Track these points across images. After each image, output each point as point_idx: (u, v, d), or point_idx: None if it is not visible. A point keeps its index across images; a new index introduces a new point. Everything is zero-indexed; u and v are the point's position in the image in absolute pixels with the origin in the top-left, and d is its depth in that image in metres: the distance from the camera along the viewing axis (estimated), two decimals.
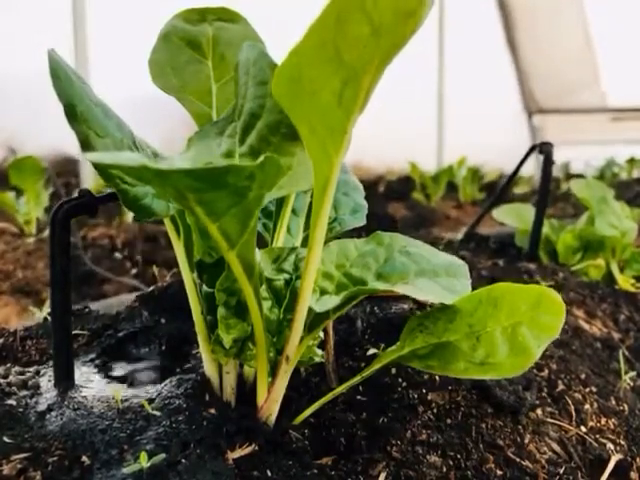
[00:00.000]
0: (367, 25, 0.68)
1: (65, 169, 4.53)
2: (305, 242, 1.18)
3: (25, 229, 3.64)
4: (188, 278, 1.08)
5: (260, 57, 1.00)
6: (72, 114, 0.90)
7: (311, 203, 0.93)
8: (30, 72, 3.76)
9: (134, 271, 3.30)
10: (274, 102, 0.96)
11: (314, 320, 1.00)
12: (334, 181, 0.86)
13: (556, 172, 6.87)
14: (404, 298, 1.43)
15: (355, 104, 0.76)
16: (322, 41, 0.69)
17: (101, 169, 0.89)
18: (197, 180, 0.66)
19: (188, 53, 1.11)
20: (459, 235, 2.79)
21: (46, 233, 3.45)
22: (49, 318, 1.37)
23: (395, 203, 5.25)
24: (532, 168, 6.91)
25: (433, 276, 1.01)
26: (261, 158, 0.66)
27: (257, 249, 0.96)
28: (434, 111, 6.92)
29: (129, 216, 3.78)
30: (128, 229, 3.69)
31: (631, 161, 7.17)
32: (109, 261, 3.34)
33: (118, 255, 3.43)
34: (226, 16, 1.11)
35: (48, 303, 1.34)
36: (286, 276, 1.05)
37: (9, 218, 3.74)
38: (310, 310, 0.97)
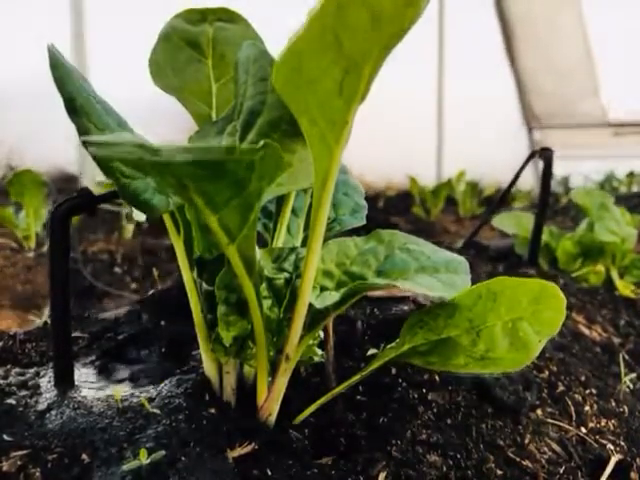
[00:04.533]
0: (367, 13, 0.68)
1: (64, 186, 4.53)
2: (305, 242, 1.18)
3: (24, 244, 3.63)
4: (188, 277, 1.08)
5: (260, 55, 1.00)
6: (72, 107, 0.90)
7: (311, 204, 0.93)
8: (30, 86, 3.77)
9: (134, 285, 3.29)
10: (275, 98, 0.96)
11: (314, 318, 1.00)
12: (334, 174, 0.86)
13: (555, 186, 6.88)
14: (404, 300, 1.43)
15: (356, 94, 0.76)
16: (322, 29, 0.69)
17: (101, 162, 0.88)
18: (196, 166, 0.66)
19: (188, 53, 1.11)
20: (458, 245, 2.79)
21: (45, 248, 3.45)
22: (49, 322, 1.37)
23: (395, 218, 5.25)
24: (531, 183, 6.92)
25: (433, 272, 1.01)
26: (260, 143, 0.66)
27: (257, 248, 0.96)
28: (433, 125, 6.94)
29: (129, 231, 3.78)
30: (128, 244, 3.68)
31: (630, 175, 7.18)
32: (109, 276, 3.33)
33: (118, 270, 3.42)
34: (226, 16, 1.12)
35: (48, 309, 1.34)
36: (286, 275, 1.05)
37: (8, 233, 3.73)
38: (310, 308, 0.97)
